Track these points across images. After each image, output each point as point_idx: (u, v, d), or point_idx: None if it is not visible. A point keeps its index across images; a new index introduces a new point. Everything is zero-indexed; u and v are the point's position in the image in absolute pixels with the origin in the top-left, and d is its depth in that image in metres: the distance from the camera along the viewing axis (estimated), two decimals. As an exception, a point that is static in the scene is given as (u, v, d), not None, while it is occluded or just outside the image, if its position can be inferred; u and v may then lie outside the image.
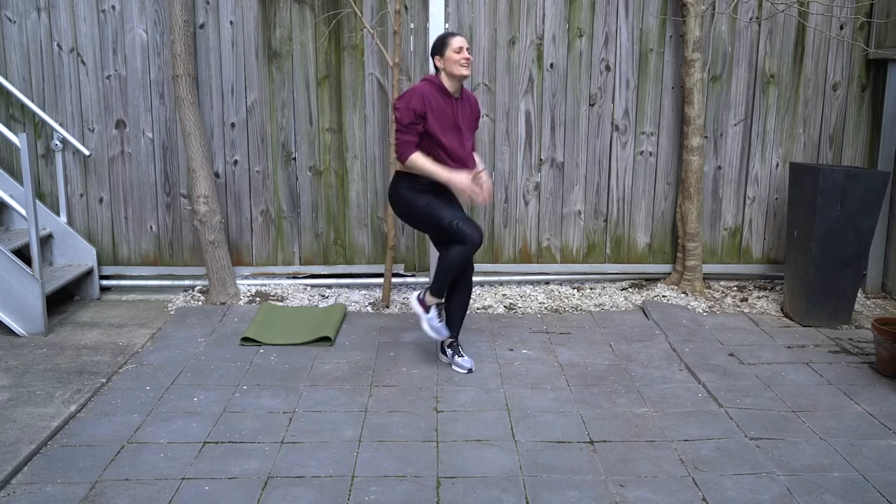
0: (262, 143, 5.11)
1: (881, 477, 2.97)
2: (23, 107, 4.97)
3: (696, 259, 5.10)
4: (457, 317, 4.02)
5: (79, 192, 5.12)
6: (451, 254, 3.74)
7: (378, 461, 3.06)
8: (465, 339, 4.35)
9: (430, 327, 3.92)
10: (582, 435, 3.29)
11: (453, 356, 4.01)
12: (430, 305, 3.91)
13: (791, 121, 5.19)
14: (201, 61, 4.98)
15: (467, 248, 3.72)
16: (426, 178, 3.79)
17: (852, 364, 4.06)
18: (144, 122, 5.05)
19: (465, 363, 3.97)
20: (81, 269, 4.93)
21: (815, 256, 4.54)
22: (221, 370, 3.94)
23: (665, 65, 5.10)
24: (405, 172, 3.84)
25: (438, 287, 3.84)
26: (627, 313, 4.84)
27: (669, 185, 5.24)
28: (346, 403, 3.58)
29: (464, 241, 3.71)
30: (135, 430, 3.30)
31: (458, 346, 4.05)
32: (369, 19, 4.95)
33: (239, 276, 5.21)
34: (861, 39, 5.07)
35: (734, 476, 2.97)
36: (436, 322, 3.91)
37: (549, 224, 5.27)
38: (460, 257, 3.74)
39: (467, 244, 3.71)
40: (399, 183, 3.87)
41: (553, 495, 2.84)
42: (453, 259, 3.74)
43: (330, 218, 5.22)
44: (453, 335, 4.03)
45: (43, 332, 4.32)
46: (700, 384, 3.81)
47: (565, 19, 5.04)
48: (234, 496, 2.82)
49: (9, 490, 2.85)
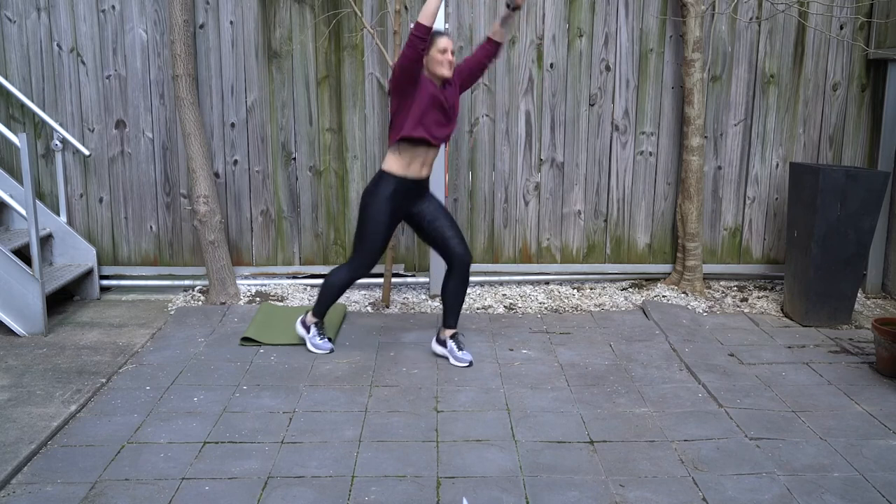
0: (262, 143, 5.11)
1: (881, 477, 2.97)
2: (23, 107, 4.97)
3: (696, 259, 5.10)
4: (454, 308, 4.07)
5: (79, 192, 5.12)
6: (336, 275, 4.04)
7: (378, 461, 3.06)
8: (465, 339, 4.35)
9: (312, 345, 4.15)
10: (582, 435, 3.29)
11: (453, 349, 4.04)
12: (309, 325, 4.17)
13: (791, 121, 5.19)
14: (201, 61, 4.98)
15: (349, 276, 3.99)
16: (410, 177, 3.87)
17: (852, 364, 4.06)
18: (144, 122, 5.05)
19: (465, 357, 4.00)
20: (81, 269, 4.93)
21: (815, 256, 4.54)
22: (221, 370, 3.94)
23: (665, 65, 5.10)
24: (389, 173, 3.86)
25: (319, 308, 4.13)
26: (627, 313, 4.84)
27: (669, 185, 5.24)
28: (346, 403, 3.58)
29: (350, 267, 3.99)
30: (135, 430, 3.30)
31: (459, 339, 4.09)
32: (369, 19, 4.95)
33: (239, 276, 5.21)
34: (861, 39, 5.07)
35: (734, 476, 2.97)
36: (316, 340, 4.16)
37: (549, 224, 5.27)
38: (342, 282, 4.02)
39: (351, 273, 3.99)
40: (380, 181, 3.88)
41: (553, 495, 2.84)
42: (334, 282, 4.03)
43: (330, 218, 5.22)
44: (453, 326, 4.09)
45: (43, 332, 4.32)
46: (700, 384, 3.81)
47: (565, 19, 5.04)
48: (234, 496, 2.82)
49: (9, 490, 2.85)
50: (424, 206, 3.99)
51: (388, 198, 3.87)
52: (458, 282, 4.02)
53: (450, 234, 3.97)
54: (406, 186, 3.88)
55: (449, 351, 4.06)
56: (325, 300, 4.09)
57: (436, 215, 3.98)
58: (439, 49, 3.75)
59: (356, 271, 3.99)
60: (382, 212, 3.87)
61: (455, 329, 4.10)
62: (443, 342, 4.10)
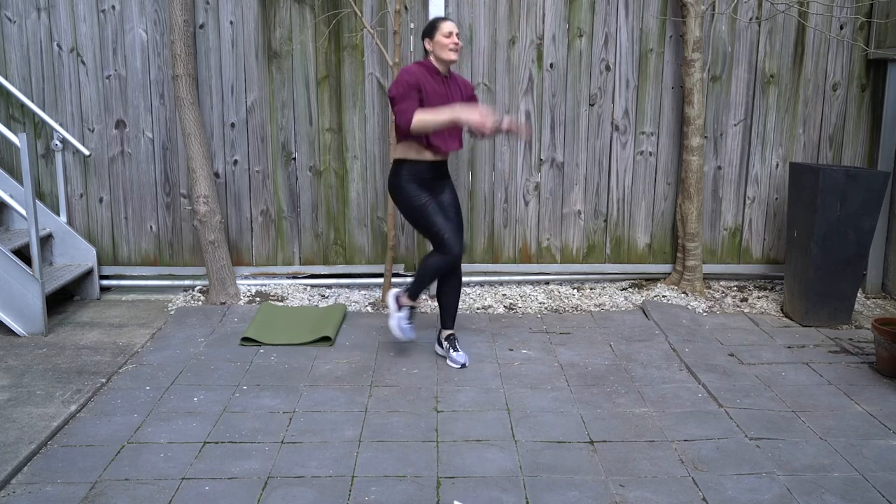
0: (262, 143, 5.11)
1: (881, 477, 2.97)
2: (23, 107, 4.97)
3: (696, 259, 5.10)
4: (450, 310, 4.11)
5: (79, 192, 5.12)
6: (431, 261, 3.90)
7: (378, 461, 3.06)
8: (465, 339, 4.35)
9: (398, 327, 4.02)
10: (582, 435, 3.29)
11: (449, 350, 4.07)
12: (403, 306, 4.03)
13: (791, 121, 5.19)
14: (201, 61, 4.98)
15: (446, 258, 3.85)
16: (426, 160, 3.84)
17: (852, 364, 4.06)
18: (144, 122, 5.05)
19: (459, 358, 4.02)
20: (81, 269, 4.93)
21: (815, 256, 4.54)
22: (221, 370, 3.94)
23: (665, 65, 5.10)
24: (405, 160, 3.86)
25: (415, 290, 3.98)
26: (627, 313, 4.84)
27: (669, 185, 5.24)
28: (346, 403, 3.58)
29: (444, 252, 3.85)
30: (135, 430, 3.30)
31: (454, 340, 4.11)
32: (369, 19, 4.95)
33: (239, 276, 5.21)
34: (861, 39, 5.07)
35: (734, 476, 2.97)
36: (404, 323, 4.03)
37: (549, 224, 5.27)
38: (438, 266, 3.88)
39: (447, 255, 3.85)
40: (400, 171, 3.88)
41: (553, 495, 2.84)
42: (431, 266, 3.89)
43: (330, 218, 5.22)
44: (450, 327, 4.12)
45: (43, 332, 4.32)
46: (700, 384, 3.81)
47: (565, 19, 5.04)
48: (234, 496, 2.82)
49: (9, 490, 2.85)
50: (443, 195, 3.98)
51: (411, 180, 3.85)
52: (455, 281, 4.06)
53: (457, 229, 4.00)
54: (425, 168, 3.87)
55: (445, 351, 4.10)
56: (421, 283, 3.95)
57: (444, 206, 3.96)
58: (444, 33, 3.77)
59: (447, 253, 3.85)
60: (416, 193, 3.84)
61: (451, 330, 4.13)
62: (441, 343, 4.15)
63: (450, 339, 4.11)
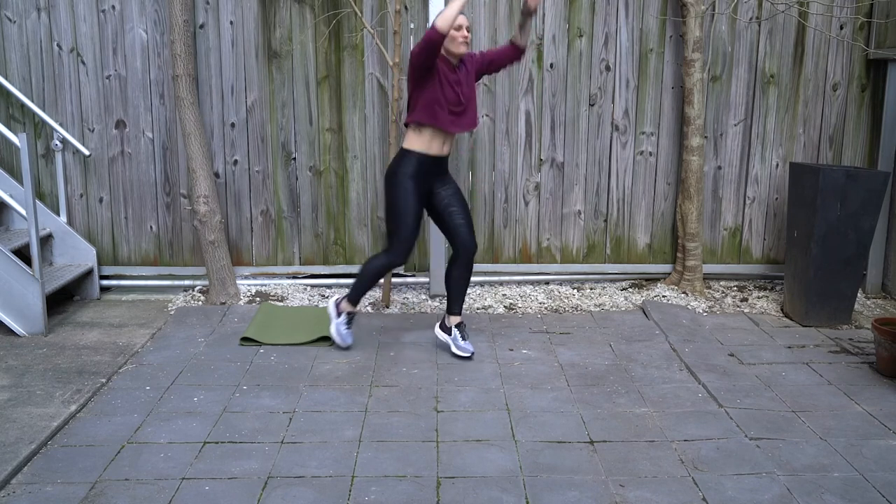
0: (262, 143, 5.11)
1: (881, 477, 2.97)
2: (23, 107, 4.97)
3: (696, 259, 5.10)
4: (458, 295, 4.10)
5: (79, 192, 5.12)
6: (373, 263, 4.00)
7: (378, 461, 3.06)
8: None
9: (337, 332, 4.13)
10: (582, 435, 3.29)
11: (457, 338, 4.07)
12: (342, 311, 4.13)
13: (791, 121, 5.19)
14: (201, 61, 4.99)
15: (387, 261, 3.94)
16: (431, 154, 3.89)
17: (852, 364, 4.06)
18: (144, 122, 5.05)
19: (468, 346, 4.03)
20: (81, 269, 4.93)
21: (815, 256, 4.54)
22: (221, 370, 3.94)
23: (665, 65, 5.10)
24: (410, 150, 3.90)
25: (355, 294, 4.07)
26: (627, 313, 4.84)
27: (669, 185, 5.24)
28: (346, 403, 3.58)
29: (388, 253, 3.94)
30: (135, 430, 3.30)
31: (464, 328, 4.11)
32: (369, 19, 4.95)
33: (239, 276, 5.21)
34: (861, 39, 5.07)
35: (734, 476, 2.97)
36: (343, 328, 4.13)
37: (549, 224, 5.27)
38: (379, 268, 3.97)
39: (389, 258, 3.94)
40: (402, 160, 3.93)
41: (553, 495, 2.84)
42: (372, 269, 4.00)
43: (330, 218, 5.22)
44: (457, 313, 4.11)
45: (43, 332, 4.32)
46: (700, 384, 3.81)
47: (565, 19, 5.05)
48: (234, 496, 2.82)
49: (9, 490, 2.85)
50: (444, 188, 4.03)
51: (412, 175, 3.90)
52: (462, 270, 4.06)
53: (460, 222, 4.02)
54: (428, 163, 3.92)
55: (452, 339, 4.08)
56: (361, 287, 4.06)
57: (451, 201, 4.02)
58: (454, 26, 3.81)
59: (393, 257, 3.95)
60: (409, 191, 3.89)
61: (460, 318, 4.13)
62: (448, 329, 4.13)
63: (460, 326, 4.11)
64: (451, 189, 4.06)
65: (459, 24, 3.83)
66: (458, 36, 3.84)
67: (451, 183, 4.08)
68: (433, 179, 4.00)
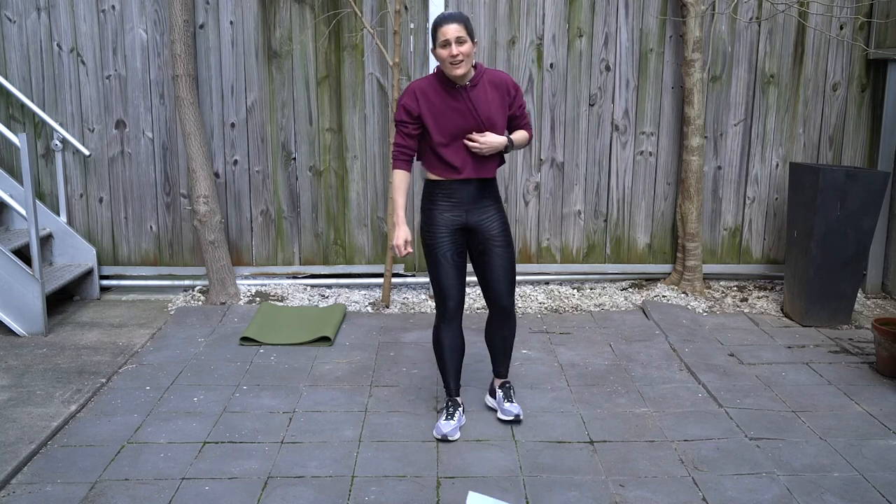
0: (262, 143, 5.11)
1: (881, 477, 2.97)
2: (23, 107, 4.97)
3: (696, 259, 5.10)
4: (496, 355, 3.48)
5: (79, 192, 5.12)
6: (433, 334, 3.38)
7: (378, 461, 3.06)
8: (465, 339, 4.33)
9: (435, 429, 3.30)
10: (582, 435, 3.29)
11: (503, 400, 3.42)
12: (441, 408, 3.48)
13: (791, 121, 5.19)
14: (201, 61, 4.98)
15: (436, 324, 3.33)
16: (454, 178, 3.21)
17: (852, 364, 4.06)
18: (144, 122, 5.05)
19: (513, 409, 3.36)
20: (81, 269, 4.93)
21: (815, 256, 4.54)
22: (221, 370, 3.94)
23: (665, 65, 5.10)
24: (429, 180, 3.28)
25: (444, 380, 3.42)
26: (627, 313, 4.84)
27: (669, 185, 5.24)
28: (345, 403, 3.58)
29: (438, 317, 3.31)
30: (135, 430, 3.30)
31: (510, 389, 3.49)
32: (369, 19, 4.95)
33: (239, 276, 5.21)
34: (861, 39, 5.07)
35: (734, 476, 2.97)
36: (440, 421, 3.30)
37: (548, 224, 5.27)
38: (434, 336, 3.35)
39: (436, 322, 3.32)
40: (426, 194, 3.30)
41: (553, 495, 2.84)
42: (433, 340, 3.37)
43: (330, 218, 5.22)
44: (503, 375, 3.51)
45: (43, 332, 4.32)
46: (700, 384, 3.81)
47: (565, 19, 5.04)
48: (234, 496, 2.82)
49: (9, 490, 2.85)
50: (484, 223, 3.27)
51: (435, 205, 3.25)
52: (495, 326, 3.42)
53: (494, 277, 3.29)
54: (452, 189, 3.22)
55: (497, 402, 3.46)
56: (439, 365, 3.41)
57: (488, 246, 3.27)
58: (439, 43, 3.08)
59: (439, 317, 3.31)
60: (432, 229, 3.25)
61: (505, 378, 3.51)
62: (493, 392, 3.54)
63: (504, 386, 3.48)
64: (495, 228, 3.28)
65: (445, 40, 3.05)
66: (446, 56, 3.06)
67: (497, 219, 3.29)
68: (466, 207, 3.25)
